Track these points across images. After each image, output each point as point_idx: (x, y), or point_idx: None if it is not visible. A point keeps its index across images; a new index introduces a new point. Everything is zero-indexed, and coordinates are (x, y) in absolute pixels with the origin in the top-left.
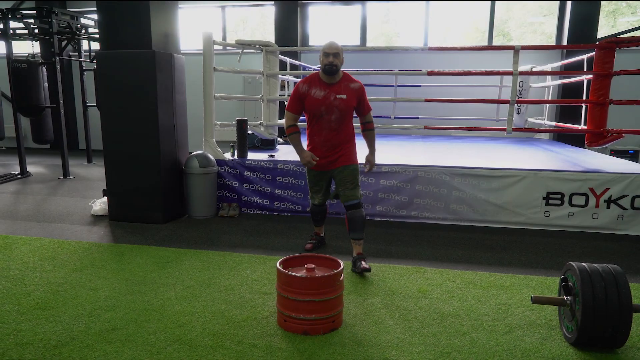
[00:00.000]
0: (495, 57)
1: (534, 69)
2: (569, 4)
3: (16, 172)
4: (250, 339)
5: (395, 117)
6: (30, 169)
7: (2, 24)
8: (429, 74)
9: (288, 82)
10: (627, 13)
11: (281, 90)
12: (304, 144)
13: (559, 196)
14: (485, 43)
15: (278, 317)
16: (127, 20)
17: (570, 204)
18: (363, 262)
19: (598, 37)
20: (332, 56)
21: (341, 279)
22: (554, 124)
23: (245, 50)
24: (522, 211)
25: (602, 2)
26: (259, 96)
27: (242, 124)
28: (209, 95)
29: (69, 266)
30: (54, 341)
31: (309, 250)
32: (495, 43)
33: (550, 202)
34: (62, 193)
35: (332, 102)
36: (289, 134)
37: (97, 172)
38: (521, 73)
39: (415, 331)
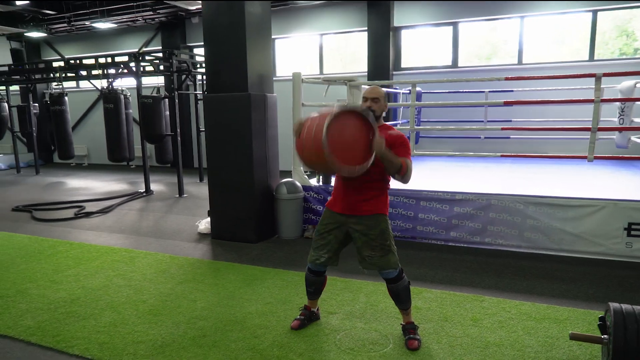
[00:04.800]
0: (599, 68)
1: (638, 85)
2: None
3: (142, 191)
4: (310, 352)
5: (485, 138)
6: (153, 186)
7: (134, 65)
8: (505, 103)
9: None
10: None
11: None
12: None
13: None
14: (587, 52)
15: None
16: (227, 68)
17: None
18: (413, 339)
19: None
20: (371, 101)
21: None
22: None
23: (331, 85)
24: (602, 241)
25: None
26: None
27: None
28: None
29: (176, 279)
30: (160, 342)
31: (296, 328)
32: (618, 44)
33: (633, 232)
34: (176, 211)
35: None
36: None
37: (206, 190)
38: (603, 101)
39: (456, 357)
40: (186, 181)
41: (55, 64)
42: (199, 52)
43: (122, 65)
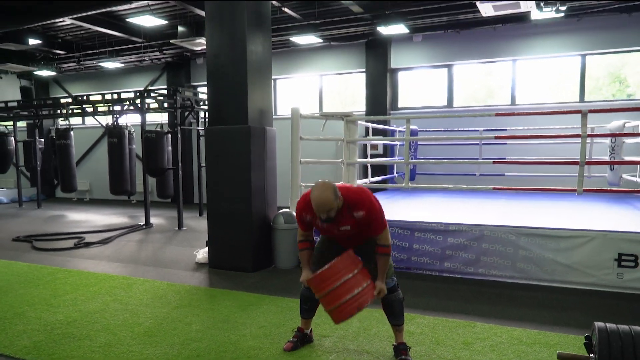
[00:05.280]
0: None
1: (627, 125)
2: None
3: (142, 223)
4: None
5: (480, 175)
6: (153, 220)
7: (139, 102)
8: (496, 138)
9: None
10: None
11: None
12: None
13: (632, 258)
14: (578, 94)
15: (334, 316)
16: (229, 102)
17: None
18: (405, 358)
19: None
20: (326, 214)
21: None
22: None
23: (328, 120)
24: (593, 272)
25: None
26: (340, 160)
27: None
28: (295, 161)
29: (173, 304)
30: None
31: (288, 350)
32: (611, 90)
33: (623, 263)
34: (175, 243)
35: (337, 234)
36: (299, 250)
37: (205, 224)
38: (590, 136)
39: None
40: (186, 215)
41: (62, 100)
42: (203, 91)
43: (128, 102)
